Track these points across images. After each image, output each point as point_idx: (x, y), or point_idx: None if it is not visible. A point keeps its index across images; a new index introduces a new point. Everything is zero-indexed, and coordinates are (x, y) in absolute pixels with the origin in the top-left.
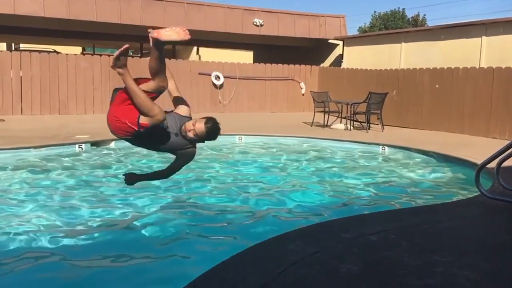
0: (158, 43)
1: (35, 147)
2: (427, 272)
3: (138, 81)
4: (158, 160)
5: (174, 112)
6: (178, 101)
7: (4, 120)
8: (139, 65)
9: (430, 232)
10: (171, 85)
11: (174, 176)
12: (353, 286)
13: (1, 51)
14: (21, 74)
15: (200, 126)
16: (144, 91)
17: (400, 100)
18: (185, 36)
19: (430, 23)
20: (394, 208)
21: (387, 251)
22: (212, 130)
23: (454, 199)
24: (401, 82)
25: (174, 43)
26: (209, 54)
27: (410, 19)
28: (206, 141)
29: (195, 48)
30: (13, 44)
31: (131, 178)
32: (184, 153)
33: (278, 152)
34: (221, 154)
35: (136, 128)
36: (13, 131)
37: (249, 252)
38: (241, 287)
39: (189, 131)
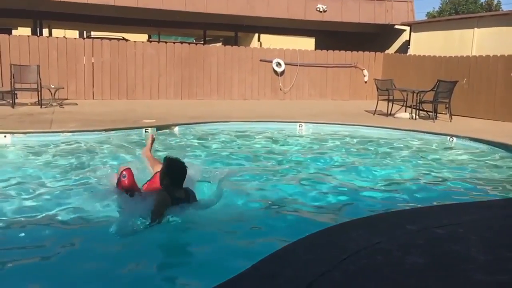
0: None
1: (106, 130)
2: (498, 269)
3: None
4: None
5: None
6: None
7: (77, 104)
8: (201, 52)
9: (502, 227)
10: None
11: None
12: (418, 279)
13: (75, 38)
14: (93, 61)
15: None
16: None
17: (470, 89)
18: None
19: (505, 8)
20: (463, 202)
21: (455, 244)
22: (168, 164)
23: None
24: (472, 69)
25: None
26: (270, 41)
27: (484, 3)
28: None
29: (256, 35)
30: (84, 32)
31: None
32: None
33: (339, 140)
34: (281, 142)
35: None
36: (85, 114)
37: (310, 239)
38: (303, 273)
39: None
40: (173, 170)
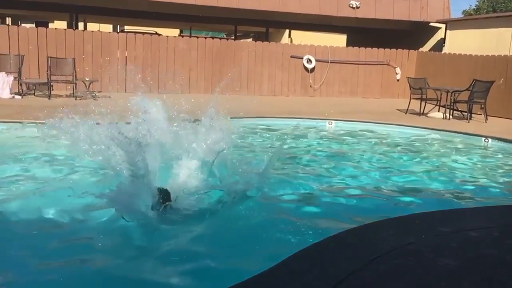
0: None
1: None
2: None
3: None
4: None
5: None
6: None
7: (110, 97)
8: (232, 47)
9: None
10: None
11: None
12: (450, 282)
13: (109, 32)
14: (126, 54)
15: None
16: None
17: (507, 89)
18: None
19: None
20: (498, 205)
21: (489, 248)
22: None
23: None
24: (510, 69)
25: None
26: (300, 37)
27: None
28: None
29: (287, 31)
30: (118, 26)
31: None
32: None
33: (369, 139)
34: (310, 139)
35: None
36: (119, 107)
37: (340, 237)
38: (332, 271)
39: None
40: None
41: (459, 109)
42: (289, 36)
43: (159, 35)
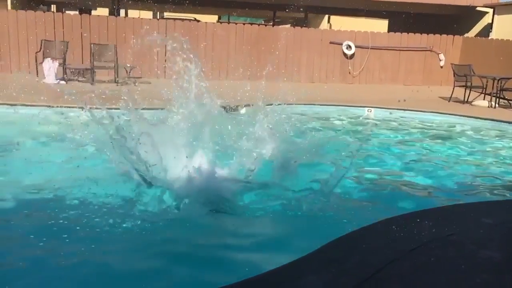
0: None
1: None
2: None
3: None
4: None
5: None
6: None
7: (150, 83)
8: (270, 33)
9: None
10: None
11: None
12: (493, 274)
13: (150, 19)
14: None
15: None
16: None
17: None
18: None
19: None
20: None
21: None
22: None
23: None
24: None
25: None
26: (340, 23)
27: None
28: None
29: (326, 17)
30: (158, 13)
31: None
32: None
33: (412, 128)
34: (350, 127)
35: None
36: (159, 93)
37: (378, 226)
38: (371, 259)
39: None
40: None
41: (506, 98)
42: (328, 22)
43: (198, 21)
